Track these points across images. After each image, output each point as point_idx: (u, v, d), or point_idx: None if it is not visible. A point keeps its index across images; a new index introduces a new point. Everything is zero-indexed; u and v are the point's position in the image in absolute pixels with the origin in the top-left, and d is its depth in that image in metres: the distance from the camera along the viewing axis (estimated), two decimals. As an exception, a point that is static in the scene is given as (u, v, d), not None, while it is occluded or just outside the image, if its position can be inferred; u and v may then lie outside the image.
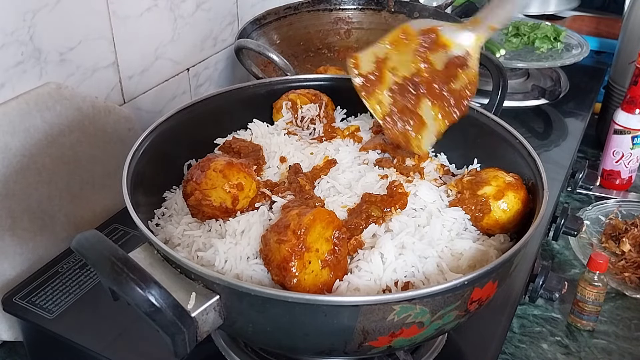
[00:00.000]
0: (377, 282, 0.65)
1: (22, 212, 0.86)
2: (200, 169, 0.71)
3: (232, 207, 0.71)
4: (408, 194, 0.75)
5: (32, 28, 0.84)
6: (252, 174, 0.74)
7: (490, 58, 0.89)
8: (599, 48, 1.71)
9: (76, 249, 0.56)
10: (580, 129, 1.35)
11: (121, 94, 1.04)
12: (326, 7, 1.36)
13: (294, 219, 0.64)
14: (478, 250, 0.70)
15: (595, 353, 0.94)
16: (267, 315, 0.58)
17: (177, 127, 0.82)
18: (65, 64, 0.91)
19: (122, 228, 0.96)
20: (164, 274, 0.60)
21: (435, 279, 0.66)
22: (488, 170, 0.77)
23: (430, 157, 0.86)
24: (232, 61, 1.29)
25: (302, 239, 0.62)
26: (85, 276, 0.88)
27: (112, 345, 0.77)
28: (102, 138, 0.96)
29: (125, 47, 1.01)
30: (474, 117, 0.85)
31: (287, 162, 0.83)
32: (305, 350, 0.69)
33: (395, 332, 0.59)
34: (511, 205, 0.73)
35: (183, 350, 0.56)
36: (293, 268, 0.61)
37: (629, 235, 1.14)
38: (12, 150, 0.83)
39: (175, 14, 1.10)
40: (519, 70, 1.47)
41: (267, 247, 0.64)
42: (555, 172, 1.15)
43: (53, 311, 0.82)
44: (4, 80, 0.83)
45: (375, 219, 0.71)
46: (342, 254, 0.65)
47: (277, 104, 0.92)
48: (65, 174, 0.92)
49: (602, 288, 0.95)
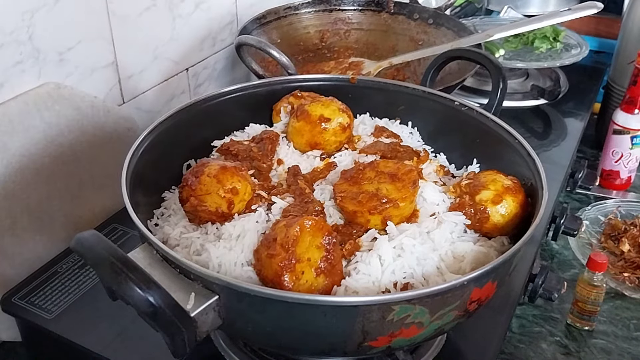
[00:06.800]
0: (376, 284, 0.64)
1: (21, 212, 0.86)
2: (194, 174, 0.71)
3: (229, 212, 0.71)
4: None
5: (31, 28, 0.84)
6: (247, 177, 0.74)
7: (489, 58, 0.89)
8: (598, 48, 1.71)
9: (75, 249, 0.56)
10: (580, 129, 1.35)
11: (120, 93, 1.04)
12: (326, 7, 1.36)
13: (282, 231, 0.63)
14: (480, 252, 0.70)
15: (595, 353, 0.94)
16: (266, 315, 0.58)
17: (176, 127, 0.82)
18: (64, 64, 0.91)
19: (122, 228, 0.96)
20: (163, 274, 0.60)
21: (435, 280, 0.66)
22: (486, 173, 0.77)
23: (430, 158, 0.86)
24: (231, 61, 1.29)
25: (291, 251, 0.61)
26: (84, 276, 0.88)
27: (111, 345, 0.77)
28: (101, 138, 0.96)
29: (124, 46, 1.01)
30: (473, 118, 0.85)
31: (284, 164, 0.83)
32: (304, 351, 0.69)
33: (394, 332, 0.59)
34: (509, 209, 0.73)
35: (182, 350, 0.56)
36: (285, 282, 0.61)
37: (628, 235, 1.14)
38: (11, 150, 0.83)
39: (174, 13, 1.10)
40: (518, 71, 1.47)
41: (260, 263, 0.64)
42: (554, 172, 1.15)
43: (52, 311, 0.82)
44: (3, 80, 0.83)
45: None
46: (336, 259, 0.65)
47: (277, 107, 0.92)
48: (64, 174, 0.92)
49: (601, 288, 0.96)
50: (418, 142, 0.91)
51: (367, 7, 1.37)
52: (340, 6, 1.37)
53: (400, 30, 1.36)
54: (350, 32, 1.38)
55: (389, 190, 0.72)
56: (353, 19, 1.38)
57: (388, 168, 0.75)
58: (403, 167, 0.75)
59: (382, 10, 1.37)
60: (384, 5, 1.36)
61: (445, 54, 0.95)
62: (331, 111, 0.85)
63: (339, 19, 1.37)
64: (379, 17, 1.37)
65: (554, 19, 1.18)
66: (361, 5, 1.37)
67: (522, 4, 1.79)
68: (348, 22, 1.38)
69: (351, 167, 0.78)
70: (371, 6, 1.37)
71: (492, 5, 1.84)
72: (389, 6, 1.36)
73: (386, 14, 1.37)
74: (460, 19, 1.44)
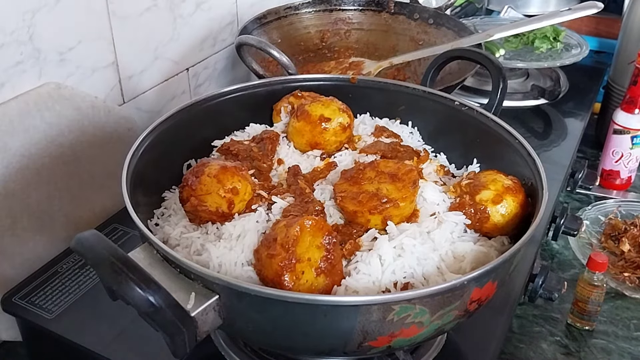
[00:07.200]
0: (376, 284, 0.64)
1: (21, 212, 0.86)
2: (195, 174, 0.71)
3: (229, 211, 0.71)
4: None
5: (31, 28, 0.84)
6: (247, 177, 0.74)
7: (489, 58, 0.89)
8: (598, 48, 1.71)
9: (75, 249, 0.56)
10: (580, 129, 1.35)
11: (121, 93, 1.04)
12: (326, 7, 1.36)
13: (282, 231, 0.63)
14: (480, 252, 0.70)
15: (595, 353, 0.94)
16: (266, 315, 0.58)
17: (176, 127, 0.82)
18: (64, 64, 0.91)
19: (122, 228, 0.96)
20: (163, 274, 0.60)
21: (435, 280, 0.66)
22: (487, 173, 0.77)
23: (430, 158, 0.86)
24: (231, 61, 1.29)
25: (291, 251, 0.61)
26: (84, 276, 0.88)
27: (111, 345, 0.77)
28: (101, 138, 0.96)
29: (125, 47, 1.01)
30: (473, 117, 0.85)
31: (285, 164, 0.83)
32: (304, 350, 0.69)
33: (394, 332, 0.59)
34: (510, 209, 0.73)
35: (182, 350, 0.56)
36: (286, 282, 0.61)
37: (628, 235, 1.14)
38: (11, 150, 0.83)
39: (174, 13, 1.10)
40: (518, 70, 1.47)
41: (260, 263, 0.64)
42: (554, 172, 1.15)
43: (53, 311, 0.82)
44: (4, 80, 0.83)
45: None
46: (336, 259, 0.65)
47: (277, 107, 0.92)
48: (64, 174, 0.92)
49: (602, 288, 0.96)
50: (418, 142, 0.91)
51: (367, 7, 1.38)
52: (341, 6, 1.37)
53: (401, 30, 1.36)
54: (350, 32, 1.38)
55: (389, 190, 0.72)
56: (353, 18, 1.38)
57: (388, 168, 0.75)
58: (403, 167, 0.75)
59: (383, 10, 1.37)
60: (385, 5, 1.37)
61: (446, 53, 0.95)
62: (331, 111, 0.85)
63: (339, 19, 1.37)
64: (380, 17, 1.37)
65: (554, 19, 1.18)
66: (362, 5, 1.38)
67: (522, 4, 1.79)
68: (348, 22, 1.38)
69: (351, 167, 0.78)
70: (371, 6, 1.37)
71: (492, 5, 1.84)
72: (389, 6, 1.36)
73: (386, 14, 1.37)
74: (461, 19, 1.44)
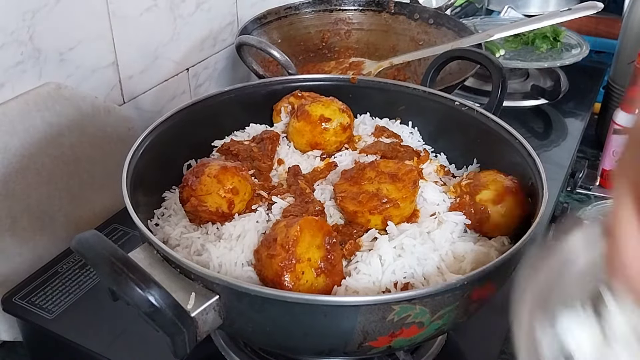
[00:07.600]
0: (376, 284, 0.64)
1: (21, 212, 0.86)
2: (195, 174, 0.71)
3: (229, 212, 0.71)
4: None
5: (31, 28, 0.84)
6: (247, 177, 0.74)
7: (490, 58, 0.89)
8: (598, 48, 1.71)
9: (76, 249, 0.56)
10: (580, 129, 1.35)
11: (121, 93, 1.04)
12: (326, 7, 1.36)
13: (282, 231, 0.63)
14: (480, 252, 0.70)
15: (595, 353, 0.93)
16: (266, 315, 0.58)
17: (176, 127, 0.82)
18: (64, 64, 0.91)
19: (122, 228, 0.96)
20: (163, 274, 0.60)
21: (435, 280, 0.66)
22: (487, 173, 0.77)
23: (430, 158, 0.86)
24: (232, 61, 1.29)
25: (291, 252, 0.61)
26: (85, 276, 0.88)
27: (112, 346, 0.77)
28: (101, 138, 0.96)
29: (125, 47, 1.01)
30: (473, 117, 0.85)
31: (285, 164, 0.83)
32: (304, 351, 0.69)
33: (395, 332, 0.59)
34: (510, 209, 0.72)
35: (183, 350, 0.56)
36: (286, 282, 0.61)
37: (628, 235, 1.14)
38: (11, 150, 0.83)
39: (175, 13, 1.10)
40: (518, 70, 1.47)
41: (260, 263, 0.64)
42: (554, 172, 1.15)
43: (53, 311, 0.82)
44: (4, 80, 0.83)
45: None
46: (336, 259, 0.65)
47: (277, 107, 0.92)
48: (64, 174, 0.92)
49: (602, 288, 0.95)
50: (418, 142, 0.91)
51: (367, 7, 1.38)
52: (341, 6, 1.37)
53: (401, 30, 1.36)
54: (350, 32, 1.38)
55: (389, 190, 0.72)
56: (354, 19, 1.38)
57: (388, 168, 0.75)
58: (403, 167, 0.75)
59: (383, 11, 1.37)
60: (385, 5, 1.37)
61: (446, 54, 0.95)
62: (331, 111, 0.85)
63: (339, 19, 1.37)
64: (380, 17, 1.37)
65: (554, 19, 1.18)
66: (362, 6, 1.38)
67: (522, 4, 1.79)
68: (349, 22, 1.38)
69: (351, 167, 0.78)
70: (372, 6, 1.37)
71: (492, 5, 1.84)
72: (389, 6, 1.36)
73: (387, 14, 1.37)
74: (461, 19, 1.44)
